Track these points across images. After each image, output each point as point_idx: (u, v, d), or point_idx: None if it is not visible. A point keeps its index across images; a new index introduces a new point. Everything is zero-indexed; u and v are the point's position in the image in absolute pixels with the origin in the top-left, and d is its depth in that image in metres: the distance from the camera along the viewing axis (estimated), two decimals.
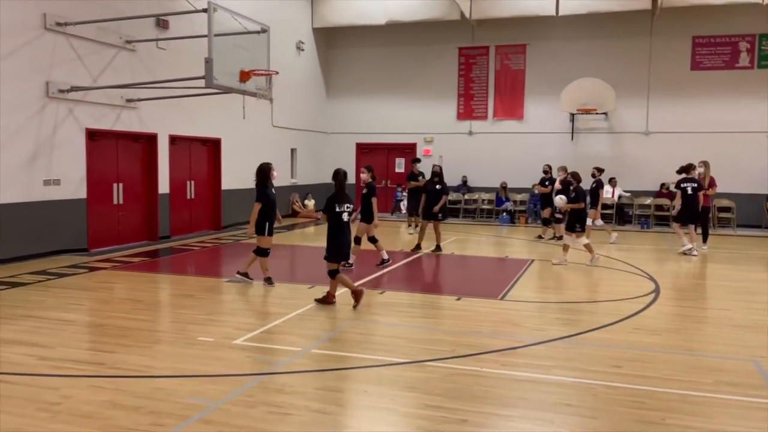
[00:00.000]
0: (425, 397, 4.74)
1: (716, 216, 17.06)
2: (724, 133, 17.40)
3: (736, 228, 16.85)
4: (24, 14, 10.04)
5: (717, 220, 17.15)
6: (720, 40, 17.48)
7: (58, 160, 10.80)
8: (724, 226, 17.28)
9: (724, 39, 17.44)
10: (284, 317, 7.12)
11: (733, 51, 17.39)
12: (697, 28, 17.58)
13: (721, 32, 17.43)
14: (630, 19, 17.79)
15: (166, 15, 12.64)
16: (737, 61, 17.38)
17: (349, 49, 20.71)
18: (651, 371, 5.41)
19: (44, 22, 10.34)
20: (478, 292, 8.93)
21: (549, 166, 15.38)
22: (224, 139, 15.18)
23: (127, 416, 4.33)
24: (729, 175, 16.44)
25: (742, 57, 17.33)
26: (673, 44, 17.76)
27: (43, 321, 6.80)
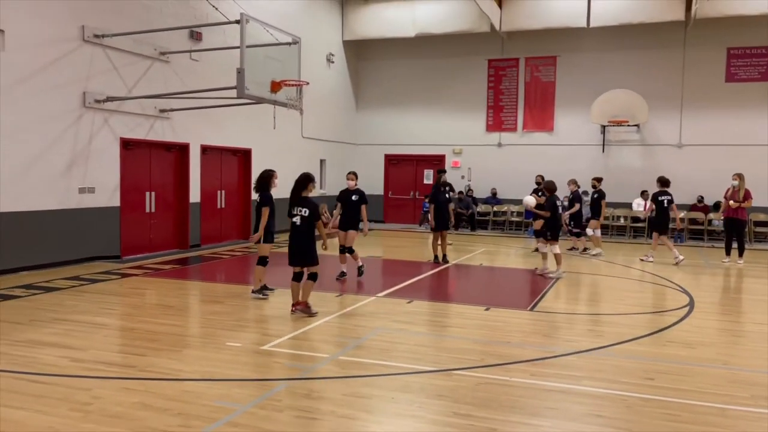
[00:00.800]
0: (454, 405, 4.69)
1: (752, 230, 16.64)
2: (760, 146, 17.02)
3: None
4: (64, 27, 10.33)
5: (753, 234, 16.73)
6: (756, 51, 17.15)
7: (93, 168, 11.04)
8: (761, 240, 16.84)
9: (760, 50, 17.11)
10: (312, 324, 7.13)
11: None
12: (731, 39, 17.28)
13: (756, 43, 17.10)
14: (663, 30, 17.57)
15: (200, 26, 12.89)
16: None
17: (379, 62, 20.85)
18: (685, 384, 5.27)
19: (83, 35, 10.63)
20: (507, 302, 8.83)
21: (542, 176, 14.91)
22: (255, 149, 15.36)
23: (156, 417, 4.36)
24: (766, 188, 16.06)
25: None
26: (707, 55, 17.49)
27: (76, 324, 6.92)
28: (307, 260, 7.50)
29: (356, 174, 10.44)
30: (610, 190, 18.16)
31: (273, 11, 15.17)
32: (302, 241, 7.46)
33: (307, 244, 7.46)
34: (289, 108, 11.60)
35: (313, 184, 7.67)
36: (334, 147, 19.57)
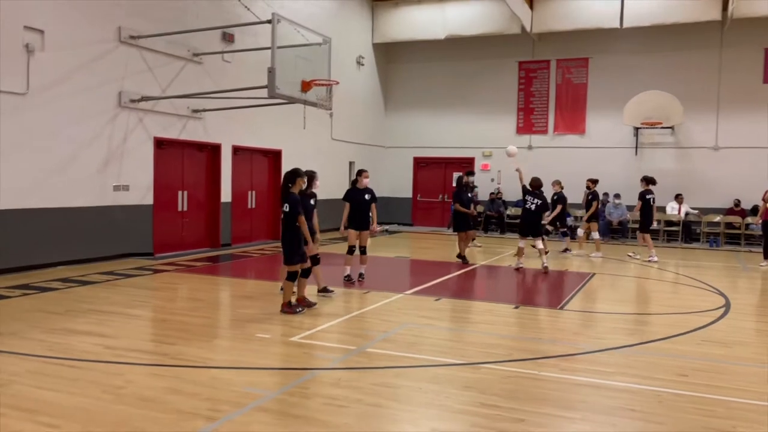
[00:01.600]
0: (481, 397, 4.65)
1: None
2: None
3: None
4: (101, 28, 10.58)
5: None
6: None
7: (127, 166, 11.27)
8: None
9: None
10: (340, 318, 7.16)
11: None
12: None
13: None
14: (698, 30, 17.24)
15: (232, 27, 13.07)
16: None
17: (409, 64, 20.88)
18: (720, 381, 5.14)
19: (119, 36, 10.88)
20: (537, 301, 8.74)
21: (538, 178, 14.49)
22: (285, 150, 15.50)
23: (186, 401, 4.42)
24: None
25: None
26: (744, 56, 17.09)
27: (110, 315, 7.06)
28: (284, 258, 7.31)
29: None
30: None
31: (304, 13, 15.31)
32: (283, 237, 7.29)
33: (286, 241, 7.24)
34: (319, 107, 11.68)
35: (303, 179, 7.39)
36: (363, 149, 19.63)
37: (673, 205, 17.40)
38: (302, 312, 7.26)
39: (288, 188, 7.26)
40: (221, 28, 12.87)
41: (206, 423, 4.04)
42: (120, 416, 4.12)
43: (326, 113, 15.93)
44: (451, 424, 4.17)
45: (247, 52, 13.14)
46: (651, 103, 17.15)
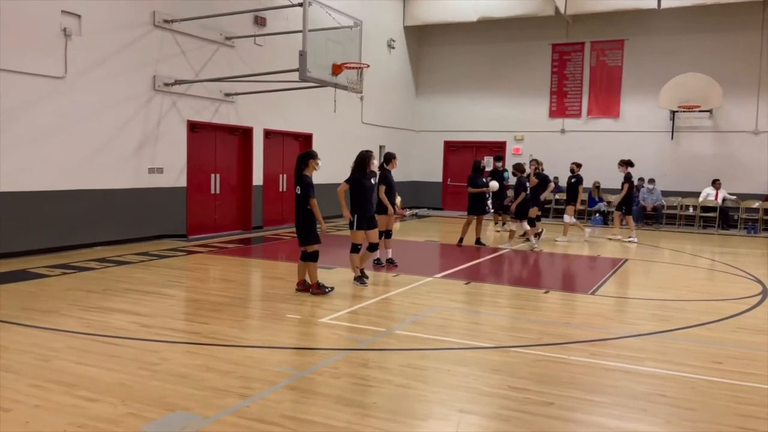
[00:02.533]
0: (510, 379, 4.66)
1: None
2: None
3: None
4: (136, 12, 10.73)
5: None
6: None
7: (161, 149, 11.46)
8: None
9: None
10: (370, 300, 7.21)
11: None
12: None
13: None
14: (739, 10, 16.72)
15: (264, 10, 13.11)
16: None
17: (440, 47, 20.70)
18: (756, 369, 5.05)
19: (153, 20, 11.02)
20: (568, 286, 8.68)
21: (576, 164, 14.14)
22: (316, 134, 15.56)
23: (219, 379, 4.52)
24: None
25: None
26: None
27: (145, 295, 7.23)
28: (300, 239, 7.36)
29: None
30: (679, 178, 17.62)
31: None
32: (297, 219, 7.32)
33: (300, 223, 7.28)
34: (350, 91, 11.68)
35: (316, 160, 7.35)
36: (393, 133, 19.59)
37: (709, 191, 17.01)
38: (331, 291, 7.33)
39: (301, 170, 7.32)
40: (253, 12, 12.93)
41: (239, 400, 4.13)
42: (156, 392, 4.24)
43: (357, 97, 15.95)
44: (480, 406, 4.19)
45: (278, 36, 13.20)
46: (689, 86, 16.74)
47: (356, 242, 8.08)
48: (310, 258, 7.34)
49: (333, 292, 7.36)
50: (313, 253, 7.33)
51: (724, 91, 16.50)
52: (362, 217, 8.02)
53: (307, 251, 7.34)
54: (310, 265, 7.34)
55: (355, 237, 8.06)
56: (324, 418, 3.87)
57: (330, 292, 7.34)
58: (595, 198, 18.04)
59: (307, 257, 7.34)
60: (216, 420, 3.81)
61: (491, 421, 3.95)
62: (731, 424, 3.96)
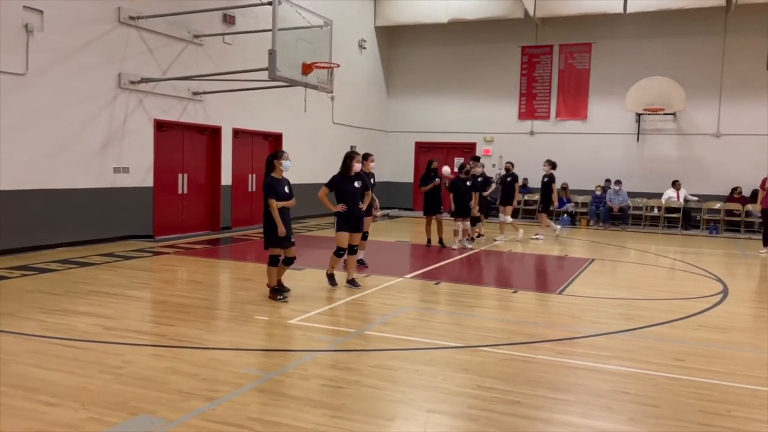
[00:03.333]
0: (478, 379, 4.68)
1: None
2: None
3: None
4: (100, 8, 10.51)
5: None
6: None
7: (127, 148, 11.25)
8: None
9: None
10: (340, 302, 7.18)
11: None
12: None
13: None
14: (702, 16, 17.12)
15: (233, 8, 12.99)
16: None
17: (411, 48, 20.75)
18: (716, 366, 5.17)
19: (118, 16, 10.81)
20: (536, 286, 8.77)
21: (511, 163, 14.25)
22: (285, 133, 15.46)
23: (184, 381, 4.45)
24: None
25: None
26: (748, 42, 16.96)
27: (109, 296, 7.08)
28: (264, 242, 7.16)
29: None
30: (644, 179, 17.96)
31: None
32: (263, 222, 7.13)
33: (264, 225, 7.08)
34: (320, 90, 11.64)
35: (279, 161, 7.09)
36: (364, 133, 19.57)
37: (670, 192, 17.35)
38: (285, 300, 7.03)
39: (268, 172, 7.14)
40: (222, 10, 12.80)
41: (205, 403, 4.07)
42: (119, 396, 4.15)
43: (327, 97, 15.91)
44: (448, 406, 4.20)
45: (247, 34, 13.08)
46: (654, 89, 17.07)
47: (340, 245, 7.72)
48: (271, 262, 7.13)
49: (285, 302, 6.99)
50: (271, 257, 7.11)
51: (688, 95, 16.88)
52: (344, 219, 7.68)
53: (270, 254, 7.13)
54: (268, 269, 7.13)
55: (338, 239, 7.73)
56: (292, 420, 3.84)
57: (282, 300, 7.03)
58: (563, 199, 18.28)
59: (269, 261, 7.14)
60: (181, 423, 3.75)
61: (459, 421, 3.96)
62: (692, 420, 4.03)
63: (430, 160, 12.28)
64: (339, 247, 7.74)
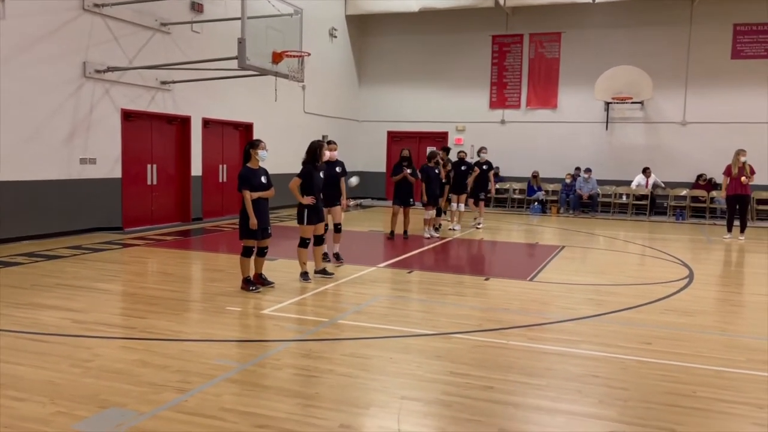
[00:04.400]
0: (451, 365, 4.72)
1: (754, 208, 16.58)
2: (764, 124, 16.89)
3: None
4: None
5: (756, 212, 16.68)
6: (762, 28, 16.95)
7: (94, 139, 11.02)
8: (763, 219, 16.80)
9: (767, 26, 16.91)
10: (313, 291, 7.17)
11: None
12: (738, 15, 17.08)
13: (763, 20, 16.89)
14: (669, 6, 17.40)
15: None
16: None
17: (382, 37, 20.68)
18: (682, 349, 5.29)
19: (82, 3, 10.55)
20: (508, 273, 8.86)
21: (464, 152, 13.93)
22: (256, 123, 15.31)
23: (155, 374, 4.40)
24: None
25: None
26: (714, 32, 17.29)
27: (78, 290, 6.96)
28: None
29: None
30: (613, 167, 18.23)
31: None
32: (240, 212, 7.06)
33: (240, 216, 7.01)
34: (291, 79, 11.55)
35: (255, 150, 6.97)
36: (336, 123, 19.48)
37: (639, 179, 17.64)
38: (257, 291, 6.98)
39: (245, 161, 7.04)
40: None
41: (177, 394, 4.03)
42: (88, 389, 4.09)
43: (299, 86, 15.79)
44: (421, 393, 4.23)
45: (216, 23, 12.88)
46: (622, 78, 17.31)
47: (305, 237, 7.63)
48: (242, 252, 7.05)
49: (258, 292, 6.94)
50: (245, 248, 7.02)
51: (654, 84, 17.15)
52: (312, 210, 7.59)
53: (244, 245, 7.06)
54: (241, 260, 7.06)
55: (304, 231, 7.63)
56: (265, 410, 3.83)
57: (255, 291, 6.97)
58: (534, 187, 18.48)
59: (243, 251, 7.05)
60: (153, 416, 3.71)
61: (433, 407, 3.99)
62: (660, 401, 4.13)
63: (403, 149, 12.09)
64: (304, 239, 7.63)
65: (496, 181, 19.16)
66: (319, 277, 7.79)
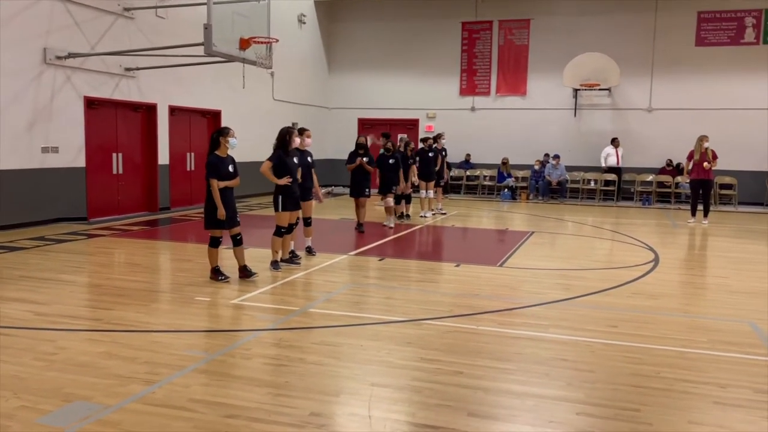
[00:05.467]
0: (421, 351, 4.75)
1: (717, 193, 16.97)
2: (728, 110, 17.25)
3: (738, 205, 16.78)
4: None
5: (719, 197, 17.07)
6: (725, 15, 17.27)
7: (56, 127, 10.75)
8: (726, 203, 17.21)
9: (730, 14, 17.23)
10: (283, 280, 7.13)
11: (739, 26, 17.19)
12: (702, 3, 17.36)
13: (726, 7, 17.21)
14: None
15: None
16: (742, 37, 17.18)
17: (352, 23, 20.53)
18: (647, 331, 5.41)
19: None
20: (478, 259, 8.92)
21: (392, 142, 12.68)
22: (224, 111, 15.09)
23: (122, 366, 4.33)
24: (732, 152, 16.34)
25: (748, 32, 17.14)
26: (678, 19, 17.55)
27: (42, 282, 6.81)
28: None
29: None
30: (581, 153, 18.45)
31: None
32: (205, 201, 6.91)
33: (205, 205, 6.87)
34: (259, 66, 11.40)
35: (226, 138, 6.83)
36: (306, 110, 19.32)
37: (609, 150, 17.70)
38: (226, 280, 6.86)
39: (213, 150, 6.90)
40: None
41: (145, 386, 3.98)
42: (53, 383, 4.01)
43: (267, 73, 15.60)
44: (392, 379, 4.24)
45: (182, 8, 12.64)
46: (590, 65, 17.48)
47: (280, 225, 7.48)
48: (210, 242, 6.95)
49: (227, 282, 6.85)
50: (212, 238, 6.91)
51: (622, 71, 17.36)
52: (287, 197, 7.46)
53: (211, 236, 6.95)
54: (209, 250, 6.94)
55: (280, 219, 7.47)
56: (235, 400, 3.80)
57: (223, 280, 6.87)
58: (504, 174, 18.62)
59: (210, 242, 6.95)
60: (119, 408, 3.66)
61: (403, 393, 4.01)
62: (625, 383, 4.21)
63: (359, 136, 11.30)
64: (279, 227, 7.53)
65: (467, 168, 19.34)
66: (285, 266, 7.72)
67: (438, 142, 13.71)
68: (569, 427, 3.54)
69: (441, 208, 13.98)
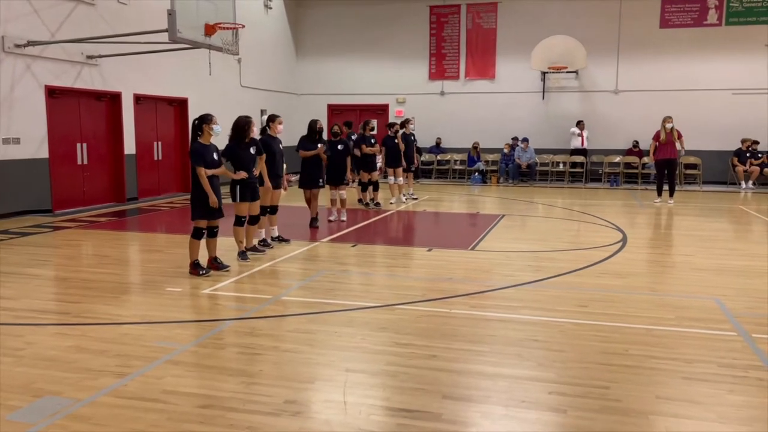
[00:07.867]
0: (395, 336, 4.77)
1: (682, 173, 17.31)
2: (691, 91, 17.57)
3: (702, 185, 17.15)
4: None
5: (684, 177, 17.42)
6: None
7: (17, 118, 10.46)
8: (691, 183, 17.57)
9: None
10: (255, 269, 7.08)
11: (702, 8, 17.45)
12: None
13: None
14: None
15: None
16: (705, 18, 17.46)
17: (319, 8, 20.30)
18: (616, 310, 5.51)
19: None
20: (450, 243, 8.98)
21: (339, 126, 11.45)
22: (191, 98, 14.85)
23: (93, 359, 4.27)
24: (696, 132, 16.66)
25: (711, 14, 17.42)
26: (643, 2, 17.74)
27: (6, 276, 6.65)
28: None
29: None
30: (549, 136, 18.63)
31: None
32: (191, 191, 6.76)
33: (192, 195, 6.72)
34: (225, 52, 11.23)
35: (209, 125, 6.67)
36: (275, 96, 19.11)
37: (575, 130, 17.92)
38: (207, 274, 6.71)
39: (195, 138, 6.75)
40: None
41: (116, 379, 3.93)
42: (21, 378, 3.94)
43: (234, 59, 15.36)
44: (366, 364, 4.26)
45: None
46: (557, 48, 17.60)
47: (240, 214, 7.32)
48: (192, 233, 6.78)
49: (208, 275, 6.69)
50: (195, 229, 6.74)
51: (588, 53, 17.52)
52: (244, 187, 7.27)
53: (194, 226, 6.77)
54: (191, 242, 6.76)
55: (239, 209, 7.31)
56: (208, 390, 3.78)
57: (205, 274, 6.68)
58: (474, 158, 18.71)
59: (193, 233, 6.76)
60: (90, 402, 3.61)
61: (378, 378, 4.03)
62: (595, 360, 4.30)
63: (312, 120, 10.25)
64: (239, 217, 7.36)
65: (437, 153, 19.39)
66: (252, 254, 7.63)
67: (406, 127, 13.63)
68: (541, 407, 3.60)
69: (412, 193, 13.99)
